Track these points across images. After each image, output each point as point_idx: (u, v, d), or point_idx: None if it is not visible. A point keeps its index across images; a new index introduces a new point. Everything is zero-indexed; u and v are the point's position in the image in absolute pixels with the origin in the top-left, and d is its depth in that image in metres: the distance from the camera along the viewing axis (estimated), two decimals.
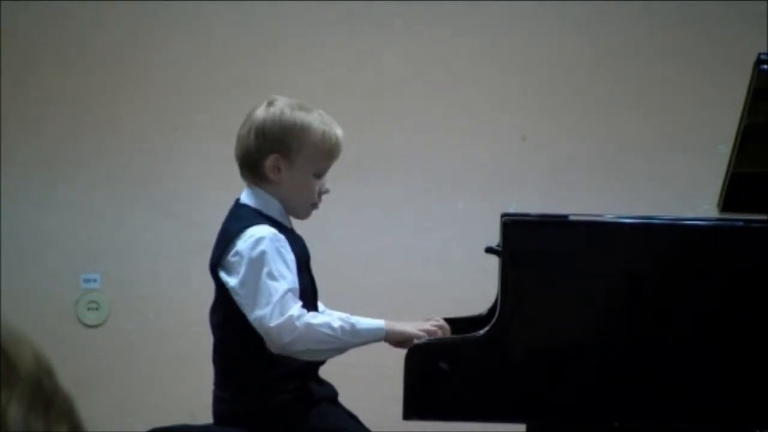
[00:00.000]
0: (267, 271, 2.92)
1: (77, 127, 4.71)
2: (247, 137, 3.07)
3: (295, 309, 2.91)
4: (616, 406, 2.90)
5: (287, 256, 2.97)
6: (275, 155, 3.03)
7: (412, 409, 2.90)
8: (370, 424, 3.18)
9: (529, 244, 2.92)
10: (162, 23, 4.72)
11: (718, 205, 3.25)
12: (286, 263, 2.95)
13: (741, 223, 2.99)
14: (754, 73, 2.87)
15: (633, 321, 2.90)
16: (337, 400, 3.17)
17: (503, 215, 2.94)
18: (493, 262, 3.07)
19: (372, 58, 4.71)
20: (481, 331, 2.89)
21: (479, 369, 2.90)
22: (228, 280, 2.98)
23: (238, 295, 2.96)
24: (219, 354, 3.11)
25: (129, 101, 4.72)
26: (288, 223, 3.10)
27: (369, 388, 4.24)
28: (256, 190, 3.07)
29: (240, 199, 3.11)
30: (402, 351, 2.94)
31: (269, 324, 2.89)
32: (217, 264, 3.02)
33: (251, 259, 2.93)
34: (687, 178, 4.60)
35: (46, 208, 4.70)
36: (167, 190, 4.70)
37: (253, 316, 2.93)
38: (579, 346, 2.92)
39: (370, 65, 4.70)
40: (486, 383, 2.91)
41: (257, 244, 2.94)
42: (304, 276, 3.07)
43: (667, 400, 2.86)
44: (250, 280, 2.93)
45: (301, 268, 3.03)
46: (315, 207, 3.12)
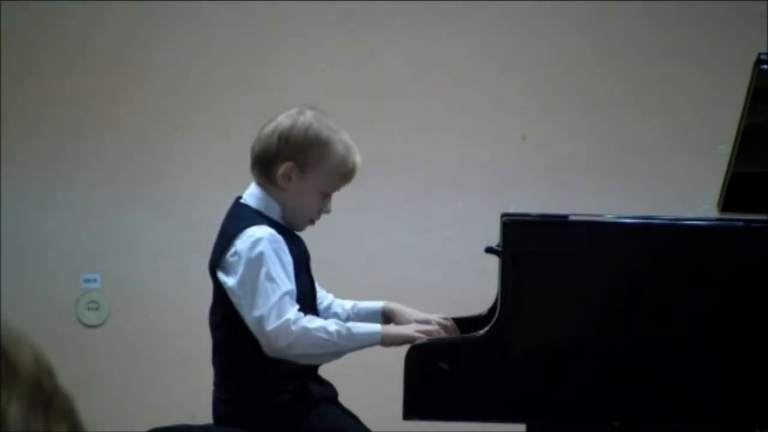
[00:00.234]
0: (265, 273, 2.92)
1: (77, 127, 4.71)
2: (270, 137, 3.06)
3: (292, 313, 2.90)
4: (616, 406, 2.90)
5: (285, 258, 2.97)
6: (291, 163, 3.03)
7: (412, 409, 2.90)
8: (370, 423, 3.18)
9: (529, 244, 2.92)
10: (162, 23, 4.72)
11: (718, 205, 3.25)
12: (283, 265, 2.95)
13: (741, 223, 2.99)
14: (754, 73, 2.87)
15: (633, 321, 2.90)
16: (337, 400, 3.18)
17: (503, 215, 2.94)
18: (493, 262, 3.07)
19: (372, 58, 4.70)
20: (481, 331, 2.89)
21: (479, 369, 2.90)
22: (226, 280, 2.98)
23: (236, 296, 2.96)
24: (218, 354, 3.11)
25: (129, 101, 4.72)
26: (287, 225, 3.10)
27: (369, 388, 4.24)
28: (260, 191, 3.08)
29: (241, 197, 3.11)
30: (402, 350, 2.94)
31: (266, 328, 2.89)
32: (215, 264, 3.02)
33: (249, 260, 2.93)
34: (687, 178, 4.60)
35: (46, 208, 4.70)
36: (167, 190, 4.70)
37: (250, 318, 2.93)
38: (579, 346, 2.92)
39: (370, 65, 4.70)
40: (486, 383, 2.91)
41: (255, 244, 2.94)
42: (304, 277, 3.07)
43: (667, 400, 2.86)
44: (247, 281, 2.93)
45: (300, 269, 3.03)
46: (312, 223, 3.13)
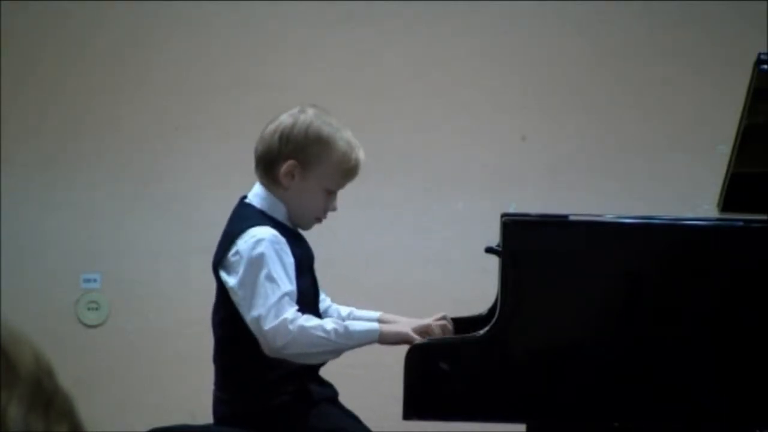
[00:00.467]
0: (265, 273, 2.92)
1: (77, 127, 4.71)
2: (272, 137, 3.08)
3: (290, 313, 2.91)
4: (616, 406, 2.90)
5: (286, 259, 2.97)
6: (292, 162, 3.04)
7: (412, 409, 2.90)
8: (370, 423, 3.18)
9: (529, 244, 2.92)
10: (162, 23, 4.72)
11: (718, 205, 3.25)
12: (284, 266, 2.96)
13: (741, 223, 2.99)
14: (754, 73, 2.87)
15: (633, 321, 2.90)
16: (337, 401, 3.18)
17: (503, 215, 2.94)
18: (493, 262, 3.07)
19: (372, 58, 4.71)
20: (481, 331, 2.89)
21: (479, 369, 2.90)
22: (227, 279, 2.99)
23: (236, 295, 2.96)
24: (220, 353, 3.11)
25: (129, 101, 4.72)
26: (292, 226, 3.11)
27: (369, 388, 4.24)
28: (264, 191, 3.09)
29: (246, 197, 3.12)
30: (402, 350, 2.94)
31: (264, 327, 2.90)
32: (218, 263, 3.03)
33: (250, 260, 2.94)
34: (687, 178, 4.60)
35: (46, 208, 4.70)
36: (167, 190, 4.70)
37: (249, 317, 2.94)
38: (579, 346, 2.91)
39: (370, 65, 4.70)
40: (486, 383, 2.91)
41: (257, 245, 2.95)
42: (306, 278, 3.07)
43: (667, 400, 2.86)
44: (248, 280, 2.94)
45: (303, 270, 3.04)
46: (318, 221, 3.14)
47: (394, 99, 4.68)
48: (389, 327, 3.03)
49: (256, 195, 3.09)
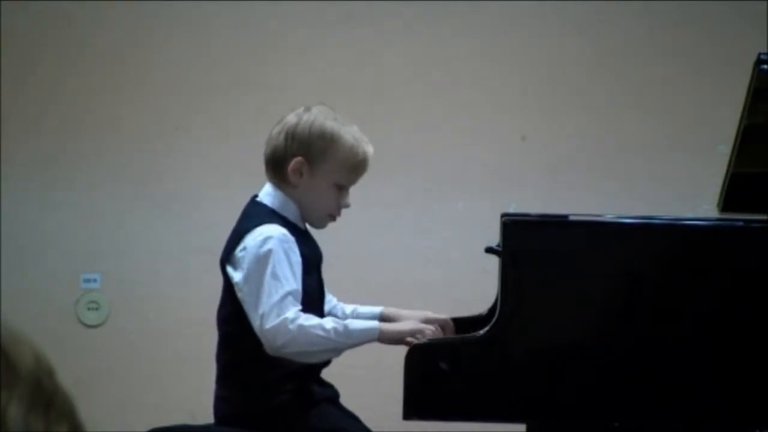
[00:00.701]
0: (271, 271, 2.93)
1: (77, 127, 4.71)
2: (277, 138, 3.10)
3: (291, 312, 2.91)
4: (616, 406, 2.90)
5: (293, 258, 2.98)
6: (300, 159, 3.05)
7: (412, 409, 2.90)
8: (370, 423, 3.18)
9: (529, 244, 2.92)
10: (162, 23, 4.72)
11: (718, 205, 3.25)
12: (290, 265, 2.97)
13: (741, 223, 2.98)
14: (754, 73, 2.87)
15: (633, 321, 2.90)
16: (337, 401, 3.18)
17: (503, 215, 2.94)
18: (493, 262, 3.07)
19: (372, 58, 4.70)
20: (481, 331, 2.89)
21: (479, 369, 2.90)
22: (233, 275, 3.00)
23: (241, 291, 2.98)
24: (223, 350, 3.12)
25: (129, 101, 4.72)
26: (302, 226, 3.12)
27: (369, 388, 4.23)
28: (275, 190, 3.10)
29: (257, 196, 3.13)
30: (402, 350, 2.94)
31: (265, 326, 2.91)
32: (225, 259, 3.04)
33: (257, 257, 2.95)
34: (687, 178, 4.60)
35: (46, 208, 4.70)
36: (167, 190, 4.70)
37: (251, 315, 2.95)
38: (579, 346, 2.91)
39: (370, 65, 4.70)
40: (486, 383, 2.91)
41: (265, 242, 2.96)
42: (313, 278, 3.08)
43: (667, 400, 2.86)
44: (253, 277, 2.95)
45: (310, 269, 3.05)
46: (332, 219, 3.14)
47: (394, 99, 4.68)
48: (389, 326, 3.03)
49: (267, 194, 3.11)
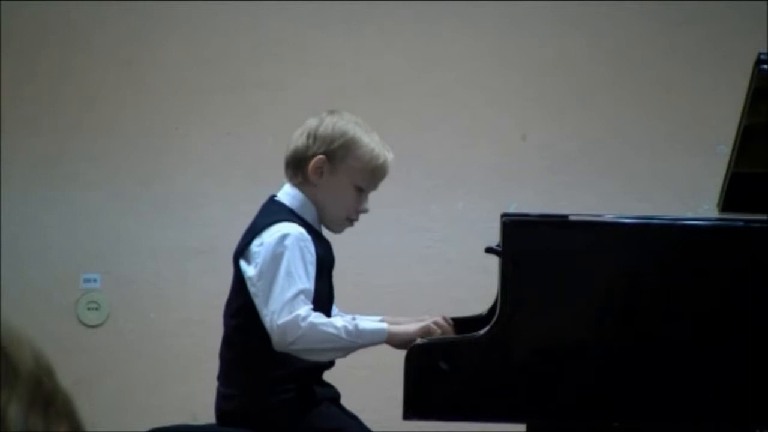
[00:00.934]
0: (285, 268, 2.95)
1: (77, 127, 4.71)
2: (299, 138, 3.13)
3: (303, 310, 2.92)
4: (616, 406, 2.90)
5: (308, 257, 2.99)
6: (321, 157, 3.08)
7: (412, 409, 2.90)
8: (371, 424, 3.18)
9: (529, 244, 2.91)
10: (162, 23, 4.72)
11: (718, 205, 3.24)
12: (305, 264, 2.98)
13: (741, 223, 2.98)
14: (754, 73, 2.87)
15: (633, 321, 2.89)
16: (338, 402, 3.18)
17: (503, 215, 2.94)
18: (493, 262, 3.07)
19: (372, 58, 4.70)
20: (481, 331, 2.89)
21: (479, 369, 2.90)
22: (246, 269, 3.01)
23: (254, 286, 2.98)
24: (227, 347, 3.12)
25: (129, 101, 4.72)
26: (318, 228, 3.13)
27: (369, 388, 4.23)
28: (295, 191, 3.11)
29: (275, 196, 3.14)
30: (402, 351, 2.94)
31: (276, 322, 2.92)
32: (239, 253, 3.04)
33: (273, 253, 2.96)
34: (687, 178, 4.60)
35: (46, 208, 4.70)
36: (167, 190, 4.70)
37: (262, 310, 2.95)
38: (579, 346, 2.91)
39: (370, 65, 4.70)
40: (486, 383, 2.90)
41: (282, 239, 2.98)
42: (324, 281, 3.09)
43: (666, 400, 2.86)
44: (267, 273, 2.96)
45: (322, 272, 3.06)
46: (350, 223, 3.15)
47: (394, 99, 4.68)
48: (398, 327, 3.03)
49: (287, 194, 3.12)
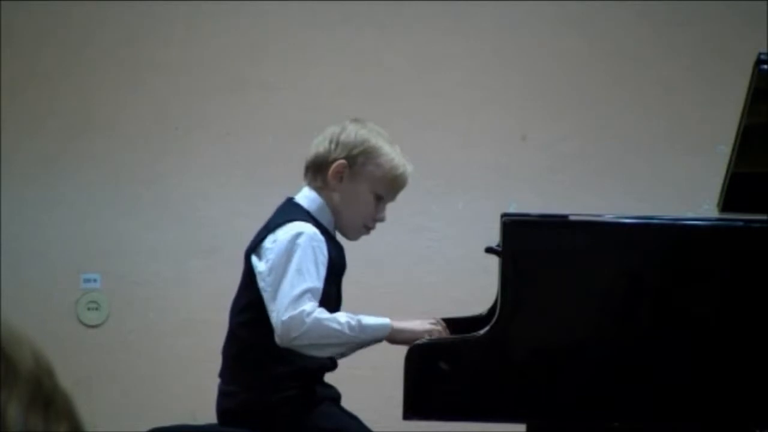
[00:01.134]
0: (296, 265, 2.96)
1: (77, 127, 4.71)
2: (321, 143, 3.16)
3: (309, 306, 2.93)
4: (616, 406, 2.90)
5: (320, 257, 3.00)
6: (342, 162, 3.10)
7: (412, 409, 2.90)
8: (371, 424, 3.18)
9: (529, 244, 2.92)
10: (162, 23, 4.72)
11: (718, 205, 3.24)
12: (316, 264, 2.99)
13: (741, 223, 2.98)
14: (754, 73, 2.87)
15: (633, 321, 2.90)
16: (339, 403, 3.18)
17: (503, 215, 2.94)
18: (493, 262, 3.07)
19: (372, 59, 4.70)
20: (481, 331, 2.89)
21: (479, 369, 2.90)
22: (257, 264, 3.03)
23: (264, 281, 3.00)
24: (230, 344, 3.13)
25: (129, 101, 4.72)
26: (333, 233, 3.14)
27: (369, 388, 4.23)
28: (314, 194, 3.12)
29: (293, 198, 3.15)
30: (403, 351, 2.94)
31: (282, 317, 2.93)
32: (252, 249, 3.06)
33: (285, 250, 2.98)
34: (687, 178, 4.60)
35: (46, 208, 4.70)
36: (167, 190, 4.70)
37: (270, 305, 2.97)
38: (579, 346, 2.91)
39: (370, 65, 4.70)
40: (486, 383, 2.90)
41: (296, 237, 2.99)
42: (333, 284, 3.10)
43: (667, 400, 2.86)
44: (278, 268, 2.97)
45: (332, 275, 3.06)
46: (366, 231, 3.16)
47: (394, 99, 4.68)
48: (401, 324, 3.03)
49: (305, 197, 3.14)
